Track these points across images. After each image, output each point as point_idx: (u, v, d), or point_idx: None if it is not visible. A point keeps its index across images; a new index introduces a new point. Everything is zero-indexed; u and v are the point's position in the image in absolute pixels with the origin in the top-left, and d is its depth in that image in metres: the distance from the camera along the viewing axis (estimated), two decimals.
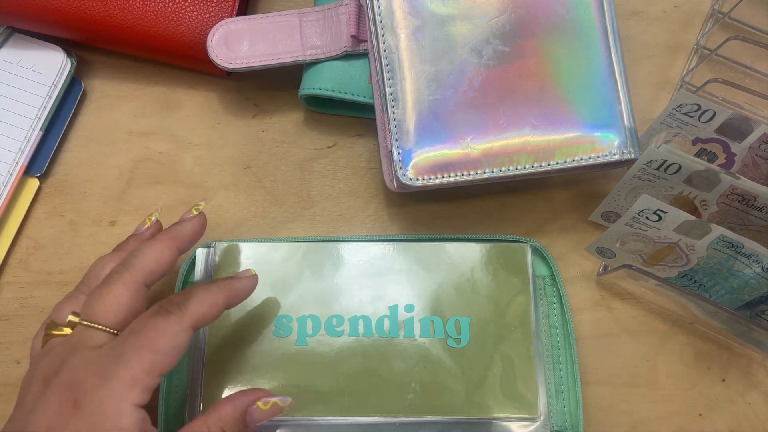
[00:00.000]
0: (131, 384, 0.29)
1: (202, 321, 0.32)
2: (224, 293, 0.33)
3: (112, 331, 0.31)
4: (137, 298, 0.32)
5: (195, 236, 0.36)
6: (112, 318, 0.31)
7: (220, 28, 0.41)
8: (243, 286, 0.35)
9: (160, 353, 0.30)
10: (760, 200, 0.35)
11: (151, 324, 0.30)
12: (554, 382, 0.39)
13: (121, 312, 0.32)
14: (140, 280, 0.33)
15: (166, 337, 0.30)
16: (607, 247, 0.39)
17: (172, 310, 0.31)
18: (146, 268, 0.33)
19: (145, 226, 0.38)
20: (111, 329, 0.31)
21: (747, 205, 0.36)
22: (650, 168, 0.36)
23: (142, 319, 0.31)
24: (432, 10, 0.38)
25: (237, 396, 0.33)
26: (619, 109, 0.38)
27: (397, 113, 0.38)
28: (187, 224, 0.36)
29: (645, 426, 0.40)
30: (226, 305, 0.33)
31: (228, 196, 0.43)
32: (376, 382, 0.38)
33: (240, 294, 0.34)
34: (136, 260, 0.33)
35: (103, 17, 0.41)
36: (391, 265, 0.40)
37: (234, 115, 0.45)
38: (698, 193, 0.37)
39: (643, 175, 0.37)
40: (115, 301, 0.31)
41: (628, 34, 0.47)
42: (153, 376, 0.29)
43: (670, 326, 0.42)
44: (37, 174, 0.43)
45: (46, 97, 0.42)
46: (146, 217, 0.38)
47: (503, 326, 0.39)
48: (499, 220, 0.43)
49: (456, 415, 0.37)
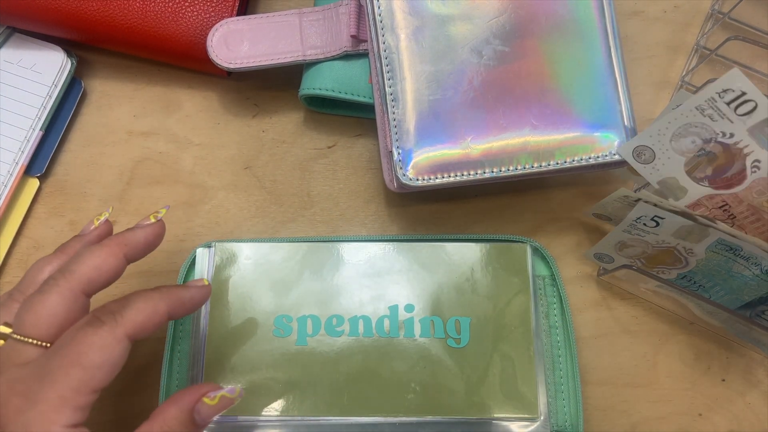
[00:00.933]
0: (60, 405, 0.26)
1: (139, 331, 0.29)
2: (166, 302, 0.30)
3: (44, 345, 0.28)
4: (74, 308, 0.29)
5: (147, 245, 0.33)
6: (44, 331, 0.28)
7: (220, 28, 0.41)
8: (190, 295, 0.32)
9: (91, 368, 0.27)
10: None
11: (80, 336, 0.27)
12: (554, 382, 0.39)
13: (54, 324, 0.28)
14: (78, 288, 0.29)
15: (96, 351, 0.27)
16: (606, 253, 0.39)
17: (105, 320, 0.28)
18: (86, 275, 0.30)
19: (92, 227, 0.34)
20: (42, 343, 0.28)
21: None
22: (628, 201, 0.36)
23: (71, 331, 0.28)
24: (432, 10, 0.38)
25: (180, 395, 0.30)
26: (619, 109, 0.38)
27: (397, 113, 0.38)
28: (139, 231, 0.32)
29: (645, 426, 0.40)
30: (170, 315, 0.30)
31: (228, 196, 0.43)
32: (376, 382, 0.38)
33: (186, 304, 0.31)
34: (76, 266, 0.30)
35: (103, 17, 0.41)
36: (391, 265, 0.40)
37: (234, 115, 0.45)
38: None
39: (623, 202, 0.37)
40: (48, 312, 0.28)
41: (628, 34, 0.47)
42: (84, 393, 0.27)
43: (670, 326, 0.42)
44: (37, 174, 0.43)
45: (46, 97, 0.42)
46: (95, 216, 0.35)
47: (503, 326, 0.39)
48: (499, 220, 0.43)
49: (456, 415, 0.37)
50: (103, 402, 0.39)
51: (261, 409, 0.37)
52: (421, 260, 0.40)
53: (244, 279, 0.39)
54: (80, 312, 0.30)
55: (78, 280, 0.29)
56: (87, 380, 0.27)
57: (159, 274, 0.42)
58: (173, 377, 0.39)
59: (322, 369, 0.38)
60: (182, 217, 0.43)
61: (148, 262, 0.42)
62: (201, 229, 0.43)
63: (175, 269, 0.42)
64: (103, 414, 0.39)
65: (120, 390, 0.39)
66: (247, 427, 0.37)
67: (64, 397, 0.26)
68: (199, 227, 0.43)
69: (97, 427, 0.39)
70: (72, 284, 0.29)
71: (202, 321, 0.39)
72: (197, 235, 0.43)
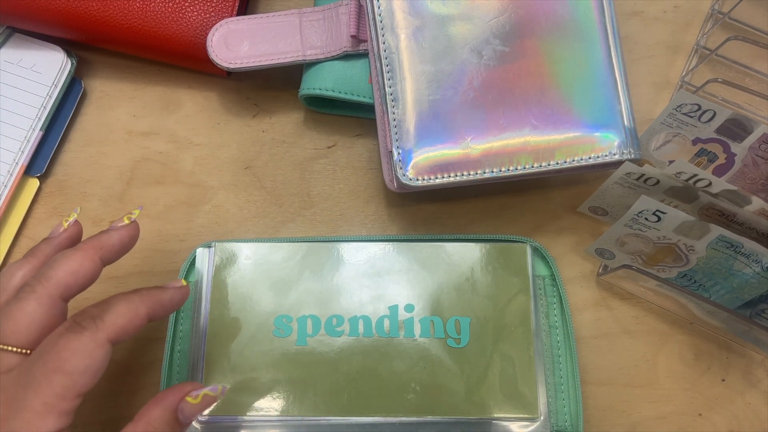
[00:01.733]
0: (44, 412, 0.27)
1: (120, 335, 0.29)
2: (146, 304, 0.30)
3: (25, 352, 0.29)
4: (53, 314, 0.30)
5: (123, 248, 0.33)
6: (24, 338, 0.29)
7: (220, 27, 0.41)
8: (170, 297, 0.32)
9: (74, 374, 0.27)
10: (740, 218, 0.35)
11: (62, 343, 0.27)
12: (554, 382, 0.39)
13: (33, 331, 0.29)
14: (56, 294, 0.30)
15: (78, 356, 0.27)
16: (607, 248, 0.39)
17: (86, 325, 0.28)
18: (62, 281, 0.30)
19: (61, 229, 0.34)
20: (23, 350, 0.29)
21: (728, 219, 0.36)
22: (630, 179, 0.36)
23: (52, 337, 0.28)
24: (432, 10, 0.38)
25: (164, 395, 0.30)
26: (619, 109, 0.38)
27: (397, 113, 0.38)
28: (114, 234, 0.32)
29: (645, 426, 0.40)
30: (150, 317, 0.30)
31: (228, 196, 0.44)
32: (376, 382, 0.38)
33: (166, 305, 0.31)
34: (51, 272, 0.30)
35: (103, 17, 0.41)
36: (391, 265, 0.40)
37: (234, 115, 0.45)
38: (678, 203, 0.37)
39: (624, 183, 0.37)
40: (26, 319, 0.29)
41: (628, 34, 0.47)
42: (68, 399, 0.27)
43: (670, 326, 0.42)
44: (37, 174, 0.43)
45: (46, 97, 0.42)
46: (63, 219, 0.34)
47: (503, 326, 0.39)
48: (499, 220, 0.43)
49: (456, 415, 0.37)
50: (103, 402, 0.39)
51: (261, 409, 0.37)
52: (421, 260, 0.40)
53: (244, 279, 0.39)
54: (59, 318, 0.30)
55: (55, 285, 0.30)
56: (70, 386, 0.27)
57: (159, 274, 0.42)
58: (173, 377, 0.39)
59: (322, 369, 0.38)
60: (182, 217, 0.43)
61: (148, 263, 0.42)
62: (201, 229, 0.43)
63: (175, 269, 0.42)
64: (103, 413, 0.39)
65: (120, 390, 0.39)
66: (246, 427, 0.37)
67: (49, 404, 0.27)
68: (199, 227, 0.43)
69: (98, 427, 0.39)
70: (49, 290, 0.29)
71: (202, 321, 0.39)
72: (197, 235, 0.43)
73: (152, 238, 0.42)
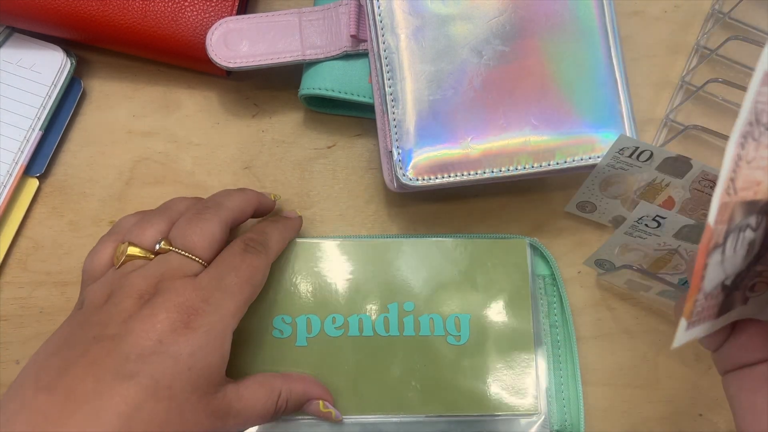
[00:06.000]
0: (235, 314, 0.32)
1: (275, 259, 0.36)
2: (291, 233, 0.38)
3: (204, 263, 0.33)
4: (225, 236, 0.35)
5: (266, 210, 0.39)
6: (207, 251, 0.34)
7: (219, 27, 0.40)
8: (300, 225, 0.40)
9: (257, 287, 0.34)
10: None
11: (248, 261, 0.34)
12: (554, 382, 0.39)
13: (214, 247, 0.34)
14: (230, 220, 0.35)
15: (260, 273, 0.34)
16: (607, 259, 0.39)
17: (260, 249, 0.35)
18: (237, 209, 0.36)
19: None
20: (204, 261, 0.33)
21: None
22: (623, 156, 0.36)
23: (236, 255, 0.34)
24: (432, 10, 0.38)
25: (313, 385, 0.36)
26: (619, 109, 0.38)
27: (397, 113, 0.38)
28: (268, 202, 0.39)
29: (645, 426, 0.40)
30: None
31: None
32: (376, 381, 0.38)
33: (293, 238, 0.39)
34: (228, 202, 0.36)
35: (103, 17, 0.41)
36: (390, 264, 0.40)
37: (234, 115, 0.45)
38: (672, 179, 0.37)
39: (615, 163, 0.37)
40: (210, 237, 0.34)
41: (628, 34, 0.47)
42: (246, 307, 0.33)
43: (670, 326, 0.42)
44: (36, 174, 0.43)
45: (45, 97, 0.42)
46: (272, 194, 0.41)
47: (503, 324, 0.39)
48: (499, 220, 0.43)
49: (456, 412, 0.37)
50: None
51: None
52: (420, 258, 0.40)
53: None
54: (226, 240, 0.35)
55: (231, 212, 0.35)
56: (251, 297, 0.34)
57: None
58: None
59: (321, 369, 0.38)
60: None
61: None
62: None
63: None
64: None
65: None
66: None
67: (239, 308, 0.33)
68: None
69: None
70: (227, 216, 0.35)
71: None
72: None
73: None
